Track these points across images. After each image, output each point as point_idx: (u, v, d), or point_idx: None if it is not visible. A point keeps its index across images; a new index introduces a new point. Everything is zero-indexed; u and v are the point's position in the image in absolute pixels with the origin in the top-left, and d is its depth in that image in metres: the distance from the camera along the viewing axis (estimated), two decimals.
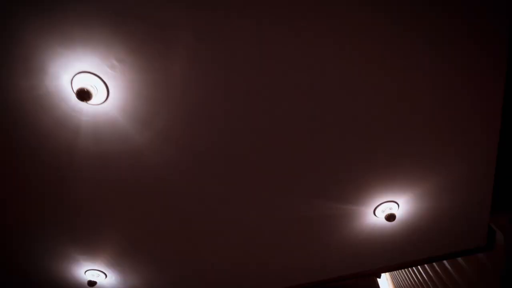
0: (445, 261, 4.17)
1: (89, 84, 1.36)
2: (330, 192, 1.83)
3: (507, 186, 2.26)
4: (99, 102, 1.45)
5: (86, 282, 2.29)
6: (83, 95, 1.35)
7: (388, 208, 1.90)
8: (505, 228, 2.36)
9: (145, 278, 2.42)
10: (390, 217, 1.88)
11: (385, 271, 2.32)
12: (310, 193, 1.83)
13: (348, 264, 2.33)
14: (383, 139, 1.60)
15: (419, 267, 5.89)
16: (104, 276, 2.33)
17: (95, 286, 2.34)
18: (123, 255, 2.27)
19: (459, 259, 3.71)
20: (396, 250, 2.21)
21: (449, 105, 1.50)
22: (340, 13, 1.23)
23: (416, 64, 1.37)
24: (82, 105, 1.47)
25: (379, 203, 1.90)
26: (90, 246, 2.17)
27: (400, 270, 7.81)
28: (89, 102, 1.43)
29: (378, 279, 8.46)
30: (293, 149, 1.62)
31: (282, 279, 2.49)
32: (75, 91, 1.36)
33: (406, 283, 7.96)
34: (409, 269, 6.83)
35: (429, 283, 5.58)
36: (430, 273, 5.24)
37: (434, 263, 4.78)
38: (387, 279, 9.92)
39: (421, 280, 6.15)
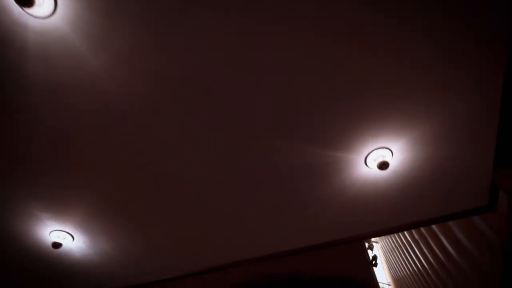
0: (446, 244, 4.01)
1: None
2: (316, 136, 1.63)
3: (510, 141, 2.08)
4: (45, 14, 1.25)
5: (50, 243, 2.09)
6: None
7: (380, 156, 1.71)
8: (508, 187, 2.18)
9: (117, 243, 2.22)
10: (383, 165, 1.69)
11: (379, 235, 2.12)
12: (296, 138, 1.63)
13: (338, 227, 2.13)
14: (372, 79, 1.41)
15: (418, 254, 5.73)
16: (71, 239, 2.13)
17: (60, 249, 2.15)
18: (92, 216, 2.07)
19: (460, 236, 3.54)
20: (390, 209, 2.01)
21: (447, 40, 1.31)
22: None
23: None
24: (27, 18, 1.28)
25: (370, 150, 1.70)
26: (55, 204, 1.97)
27: (396, 257, 7.65)
28: (34, 12, 1.24)
29: (374, 268, 8.31)
30: (277, 88, 1.42)
31: (263, 246, 2.29)
32: None
33: (403, 273, 7.81)
34: (406, 256, 6.67)
35: (429, 270, 5.41)
36: (430, 258, 5.08)
37: (434, 249, 4.61)
38: (383, 268, 9.79)
39: (420, 268, 5.98)
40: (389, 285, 9.52)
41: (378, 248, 9.16)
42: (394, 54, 1.37)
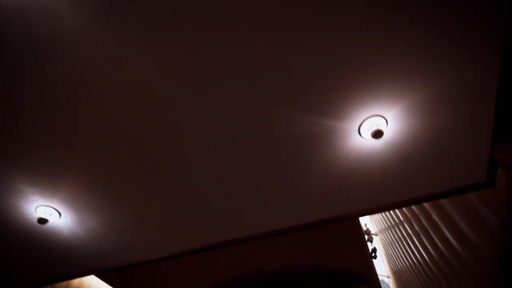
0: (445, 232, 3.94)
1: None
2: (307, 103, 1.56)
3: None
4: None
5: (36, 219, 2.04)
6: None
7: (374, 125, 1.64)
8: (506, 164, 2.11)
9: (106, 221, 2.17)
10: (377, 134, 1.62)
11: (375, 212, 2.06)
12: (287, 105, 1.57)
13: (333, 204, 2.07)
14: (362, 45, 1.34)
15: (418, 246, 5.66)
16: (58, 215, 2.08)
17: (47, 225, 2.10)
18: (80, 193, 2.01)
19: (459, 222, 3.47)
20: (386, 184, 1.95)
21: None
22: None
23: None
24: None
25: (364, 118, 1.63)
26: (42, 179, 1.92)
27: (396, 250, 7.59)
28: None
29: (373, 260, 8.27)
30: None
31: (251, 226, 2.23)
32: None
33: (403, 265, 7.75)
34: (406, 248, 6.61)
35: (429, 262, 5.34)
36: (430, 248, 5.01)
37: (435, 240, 4.55)
38: (383, 261, 9.75)
39: (420, 261, 5.92)
40: (388, 277, 9.48)
41: (377, 241, 9.11)
42: (385, 22, 1.30)
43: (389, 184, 1.94)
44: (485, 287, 3.33)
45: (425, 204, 4.23)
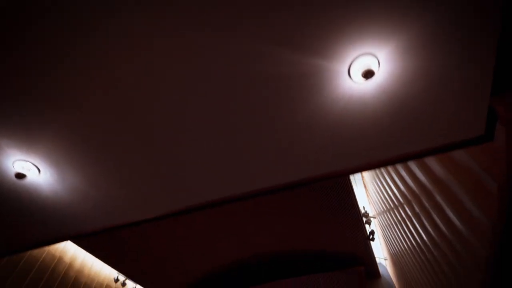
0: (448, 212, 3.85)
1: None
2: (290, 38, 1.44)
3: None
4: None
5: (13, 173, 1.97)
6: None
7: (365, 65, 1.53)
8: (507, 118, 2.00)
9: (88, 178, 2.09)
10: (368, 74, 1.51)
11: (368, 169, 1.97)
12: (265, 39, 1.45)
13: (320, 159, 1.97)
14: None
15: (417, 227, 5.59)
16: (37, 171, 2.00)
17: (26, 181, 2.02)
18: (60, 148, 1.92)
19: (464, 200, 3.38)
20: (379, 136, 1.84)
21: None
22: None
23: None
24: None
25: (354, 56, 1.52)
26: (19, 131, 1.83)
27: (394, 233, 7.57)
28: None
29: (371, 243, 8.27)
30: None
31: (236, 184, 2.14)
32: None
33: (400, 248, 7.74)
34: (405, 230, 6.56)
35: (429, 245, 5.27)
36: (430, 230, 4.93)
37: (437, 222, 4.46)
38: (380, 243, 9.77)
39: (420, 243, 5.86)
40: (385, 259, 9.50)
41: (375, 224, 9.09)
42: None
43: (382, 136, 1.84)
44: (486, 265, 3.26)
45: (427, 184, 4.12)
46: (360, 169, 2.01)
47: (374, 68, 1.53)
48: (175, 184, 2.14)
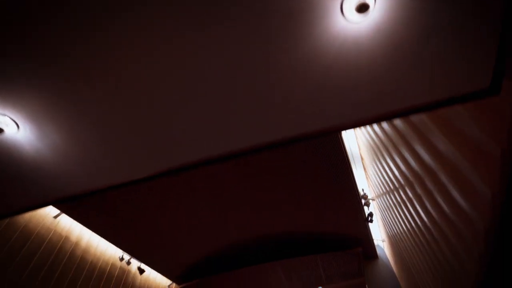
0: (446, 184, 3.73)
1: None
2: None
3: None
4: None
5: None
6: None
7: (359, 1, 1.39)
8: None
9: (70, 136, 2.00)
10: (362, 7, 1.38)
11: (366, 123, 1.86)
12: None
13: (312, 113, 1.86)
14: None
15: (418, 209, 5.51)
16: (16, 127, 1.91)
17: (4, 137, 1.93)
18: (40, 102, 1.83)
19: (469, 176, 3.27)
20: (376, 85, 1.72)
21: None
22: None
23: None
24: None
25: None
26: None
27: (392, 215, 7.53)
28: None
29: (370, 224, 8.26)
30: None
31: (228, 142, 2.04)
32: None
33: (398, 229, 7.71)
34: (405, 212, 6.50)
35: (429, 225, 5.20)
36: (432, 210, 4.85)
37: (439, 202, 4.36)
38: (379, 226, 9.77)
39: (420, 224, 5.80)
40: (383, 241, 9.53)
41: (374, 206, 9.06)
42: None
43: (379, 85, 1.71)
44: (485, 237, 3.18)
45: (429, 161, 3.99)
46: (354, 124, 1.89)
47: (369, 1, 1.39)
48: (164, 140, 2.05)
